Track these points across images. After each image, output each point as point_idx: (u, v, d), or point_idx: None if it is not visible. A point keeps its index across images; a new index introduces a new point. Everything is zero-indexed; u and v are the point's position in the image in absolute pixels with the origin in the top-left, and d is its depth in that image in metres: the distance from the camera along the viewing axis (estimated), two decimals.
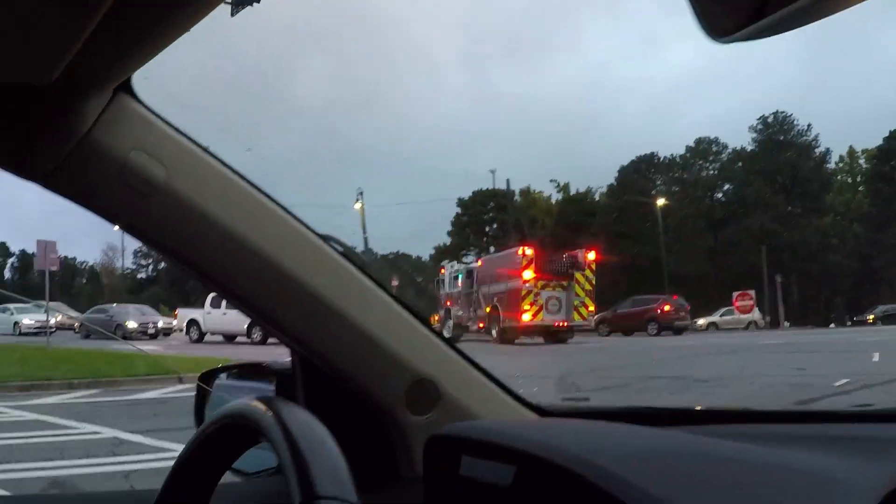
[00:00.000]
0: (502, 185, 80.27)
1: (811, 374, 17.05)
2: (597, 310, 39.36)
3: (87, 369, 20.94)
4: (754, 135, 77.32)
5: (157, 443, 10.98)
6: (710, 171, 79.77)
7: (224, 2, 1.22)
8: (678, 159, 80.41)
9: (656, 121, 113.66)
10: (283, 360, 2.02)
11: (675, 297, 47.18)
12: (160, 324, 44.27)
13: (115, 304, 49.10)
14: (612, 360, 24.34)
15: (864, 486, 1.25)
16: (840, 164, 79.15)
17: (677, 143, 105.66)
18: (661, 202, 72.01)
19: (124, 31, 1.24)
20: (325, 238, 1.77)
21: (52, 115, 1.44)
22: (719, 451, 1.38)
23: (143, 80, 1.52)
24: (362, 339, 1.76)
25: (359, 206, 62.73)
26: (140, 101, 1.56)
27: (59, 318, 47.86)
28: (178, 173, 1.58)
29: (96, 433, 12.17)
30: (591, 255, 38.57)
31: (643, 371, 20.23)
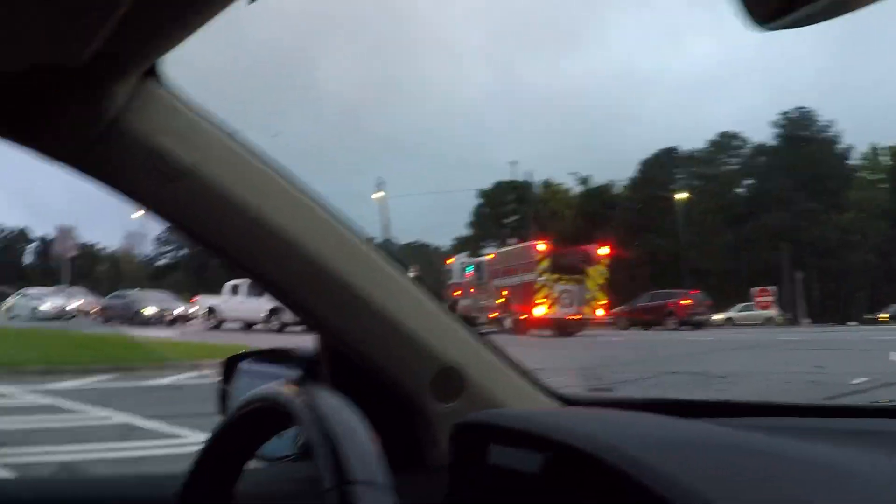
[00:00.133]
0: (523, 177, 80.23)
1: (829, 371, 16.96)
2: (609, 304, 39.61)
3: (104, 354, 21.07)
4: (776, 130, 77.08)
5: (170, 429, 11.01)
6: (732, 166, 79.59)
7: None
8: (700, 153, 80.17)
9: (679, 114, 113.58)
10: (307, 346, 2.03)
11: (695, 291, 47.08)
12: (179, 310, 44.56)
13: (134, 290, 49.31)
14: (629, 354, 24.28)
15: (887, 480, 1.24)
16: (862, 161, 78.59)
17: (699, 137, 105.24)
18: (681, 196, 71.77)
19: (155, 14, 1.25)
20: (351, 226, 1.77)
21: (82, 98, 1.45)
22: (750, 444, 1.36)
23: (172, 65, 1.52)
24: (389, 326, 1.75)
25: (379, 195, 62.88)
26: (168, 86, 1.56)
27: (78, 303, 48.35)
28: (205, 158, 1.59)
29: (109, 418, 12.22)
30: (605, 250, 39.02)
31: (661, 366, 20.16)
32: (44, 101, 1.46)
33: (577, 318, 37.14)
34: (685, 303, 44.85)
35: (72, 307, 45.67)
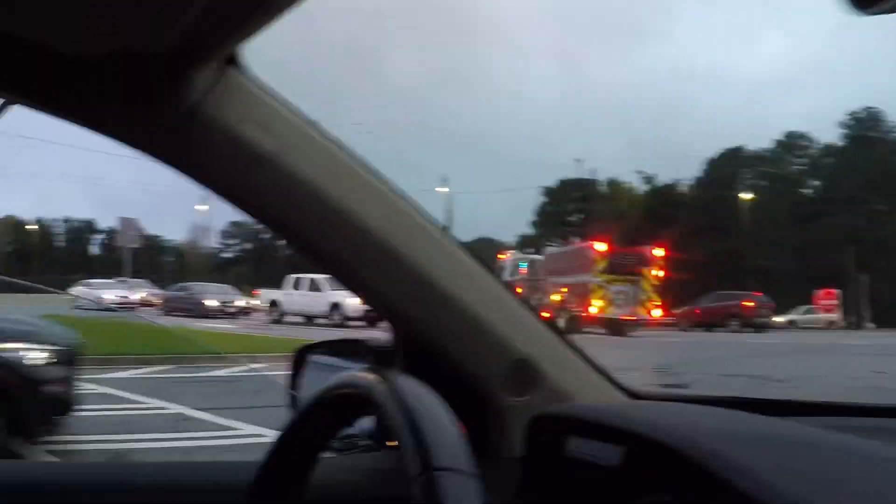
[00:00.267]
0: (588, 175, 79.87)
1: (891, 376, 16.70)
2: (664, 305, 39.68)
3: (163, 345, 21.25)
4: (844, 130, 75.75)
5: (222, 420, 11.12)
6: (799, 167, 78.46)
7: None
8: (766, 153, 79.25)
9: (745, 113, 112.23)
10: (376, 337, 2.05)
11: (758, 293, 46.63)
12: (240, 303, 44.89)
13: (196, 283, 49.80)
14: (687, 355, 24.07)
15: None
16: None
17: (766, 136, 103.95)
18: (747, 196, 70.95)
19: (236, 1, 1.26)
20: (429, 217, 1.76)
21: (163, 85, 1.46)
22: (832, 442, 1.36)
23: (252, 53, 1.53)
24: (466, 318, 1.74)
25: (444, 190, 63.07)
26: (248, 74, 1.57)
27: (141, 294, 49.00)
28: (285, 146, 1.59)
29: (163, 409, 12.39)
30: (660, 252, 39.36)
31: (720, 368, 20.03)
32: (124, 88, 1.47)
33: (632, 318, 37.60)
34: (748, 305, 44.50)
35: (134, 298, 46.27)
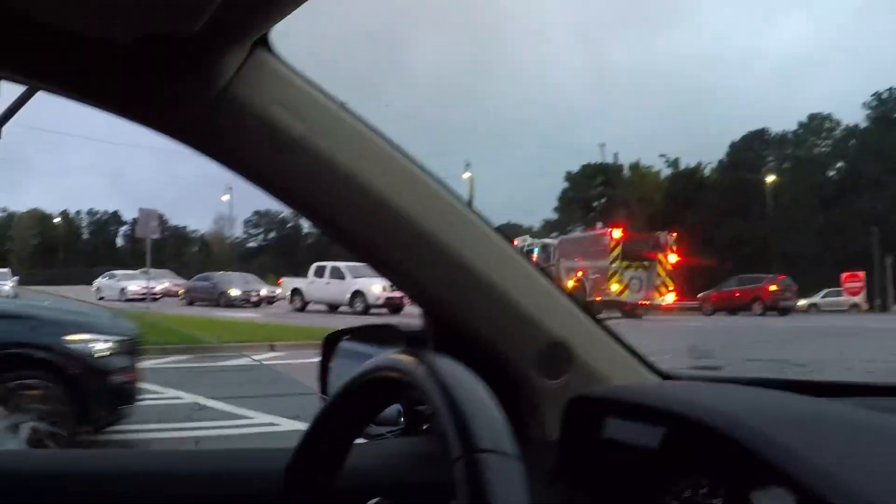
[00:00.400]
0: (612, 160, 79.66)
1: None
2: (677, 290, 39.97)
3: (183, 335, 21.38)
4: (868, 111, 75.22)
5: (235, 409, 11.16)
6: (823, 149, 77.96)
7: None
8: (790, 135, 78.84)
9: (769, 95, 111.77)
10: (407, 322, 2.07)
11: (782, 276, 46.37)
12: (263, 292, 45.25)
13: (219, 272, 50.07)
14: (707, 339, 23.93)
15: None
16: None
17: (790, 118, 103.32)
18: (771, 179, 70.54)
19: None
20: (461, 200, 1.75)
21: (192, 68, 1.45)
22: (875, 422, 1.36)
23: (282, 35, 1.52)
24: (499, 301, 1.73)
25: (467, 175, 63.06)
26: (278, 56, 1.56)
27: (164, 285, 49.34)
28: (316, 129, 1.58)
29: (178, 398, 12.43)
30: (673, 238, 39.78)
31: (741, 352, 19.94)
32: (153, 73, 1.45)
33: (645, 302, 38.37)
34: (772, 288, 44.20)
35: (158, 289, 46.57)
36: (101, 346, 8.85)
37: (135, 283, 45.01)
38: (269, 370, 16.52)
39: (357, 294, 37.45)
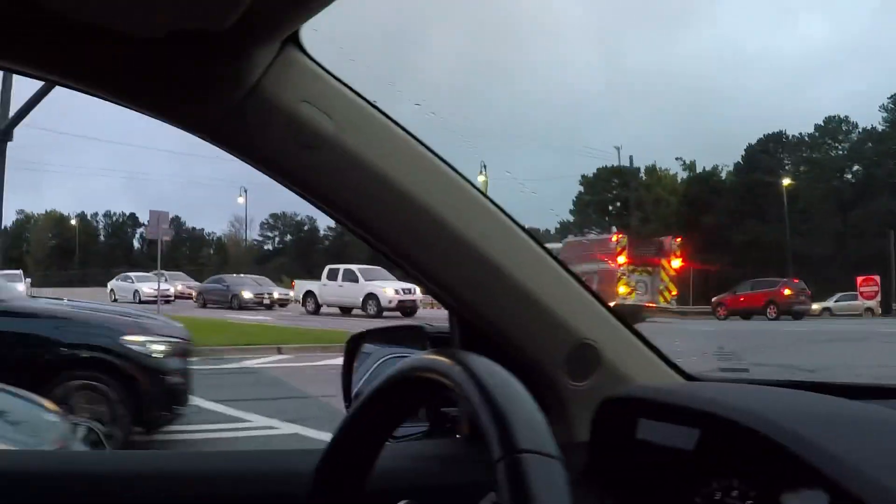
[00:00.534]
0: (627, 163, 79.39)
1: None
2: (679, 294, 40.13)
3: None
4: (885, 114, 74.35)
5: (235, 412, 11.16)
6: (839, 152, 77.47)
7: None
8: (806, 138, 78.29)
9: (786, 98, 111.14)
10: (430, 323, 2.10)
11: (796, 280, 46.17)
12: (275, 295, 45.45)
13: (231, 275, 50.24)
14: (716, 344, 23.82)
15: None
16: None
17: (806, 121, 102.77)
18: (787, 182, 70.19)
19: None
20: (489, 199, 1.75)
21: (222, 65, 1.46)
22: None
23: (311, 33, 1.54)
24: (526, 301, 1.72)
25: (482, 178, 63.21)
26: (308, 54, 1.57)
27: (178, 287, 49.58)
28: (346, 127, 1.59)
29: None
30: (678, 242, 39.81)
31: (749, 357, 19.81)
32: (183, 70, 1.46)
33: (651, 305, 38.15)
34: (786, 292, 43.96)
35: (171, 291, 46.82)
36: (157, 347, 9.20)
37: (148, 286, 45.20)
38: (273, 372, 16.56)
39: (370, 297, 37.53)
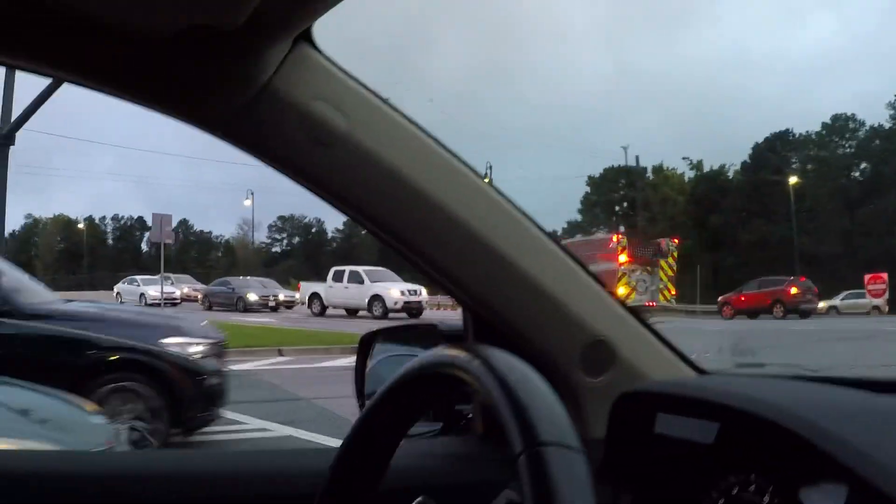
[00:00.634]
0: (633, 163, 79.35)
1: None
2: (677, 294, 40.42)
3: None
4: (892, 111, 74.14)
5: (230, 415, 11.13)
6: (847, 150, 77.32)
7: None
8: (813, 136, 78.14)
9: (793, 97, 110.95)
10: (442, 321, 2.10)
11: (803, 278, 46.03)
12: (281, 297, 45.55)
13: (237, 277, 50.33)
14: (719, 344, 23.76)
15: None
16: None
17: (813, 119, 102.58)
18: (793, 180, 70.01)
19: None
20: (503, 195, 1.74)
21: (234, 62, 1.45)
22: None
23: (324, 30, 1.52)
24: (541, 298, 1.72)
25: (487, 180, 63.55)
26: (320, 51, 1.56)
27: (184, 290, 49.68)
28: (359, 124, 1.58)
29: None
30: (675, 244, 40.55)
31: (751, 357, 19.73)
32: (194, 67, 1.45)
33: (652, 305, 38.82)
34: (793, 291, 43.83)
35: (177, 294, 46.89)
36: (195, 348, 9.31)
37: (154, 289, 45.28)
38: (269, 374, 16.55)
39: (375, 298, 37.57)
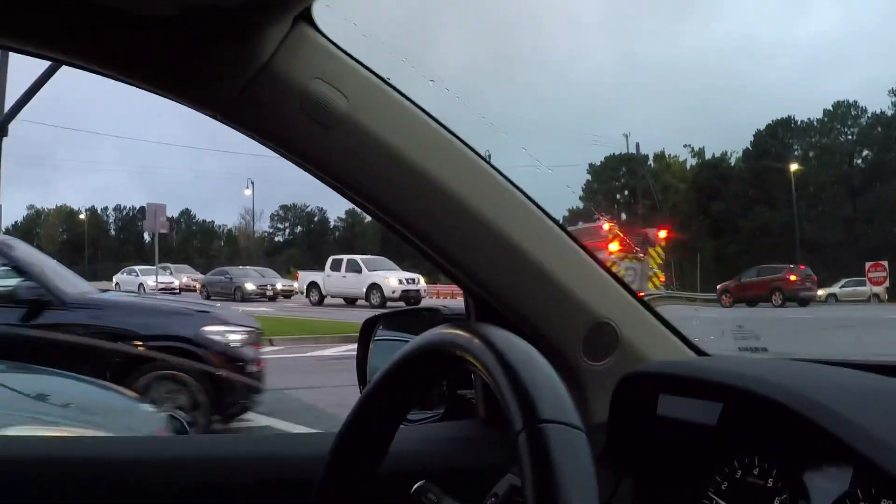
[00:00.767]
0: (634, 151, 79.19)
1: None
2: (666, 281, 40.41)
3: None
4: (894, 98, 73.68)
5: None
6: (849, 137, 77.07)
7: None
8: (815, 123, 77.92)
9: (796, 84, 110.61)
10: (445, 306, 2.11)
11: (802, 266, 45.90)
12: (279, 286, 45.54)
13: (235, 266, 50.32)
14: (713, 332, 23.68)
15: None
16: None
17: (815, 106, 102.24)
18: (795, 167, 69.77)
19: None
20: (506, 177, 1.71)
21: (233, 43, 1.44)
22: None
23: (324, 10, 1.51)
24: (544, 281, 1.71)
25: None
26: (320, 31, 1.54)
27: (184, 280, 49.70)
28: (360, 104, 1.56)
29: None
30: (662, 234, 40.48)
31: (744, 344, 19.63)
32: (193, 48, 1.44)
33: (641, 294, 38.95)
34: (792, 278, 43.65)
35: (175, 284, 46.84)
36: (235, 336, 9.46)
37: (153, 279, 45.27)
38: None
39: (373, 287, 37.51)
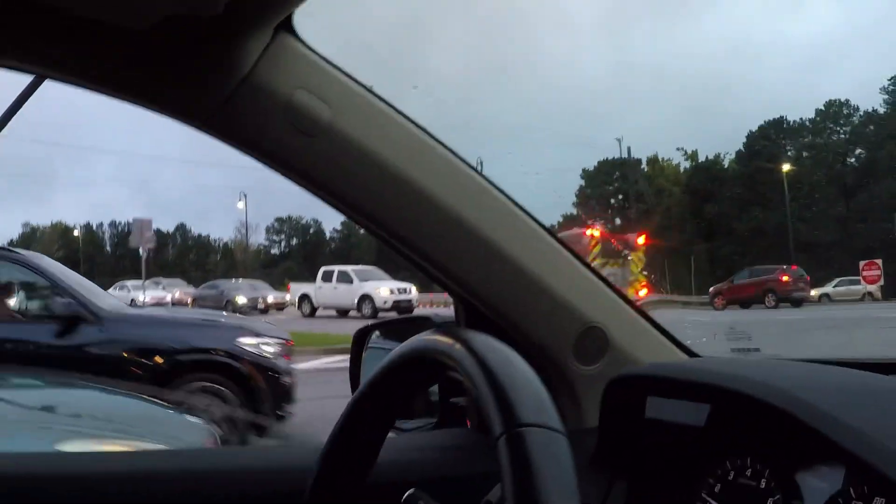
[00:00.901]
0: (626, 154, 79.21)
1: None
2: (649, 286, 40.53)
3: None
4: (885, 96, 73.71)
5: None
6: (841, 136, 76.97)
7: None
8: (808, 123, 77.86)
9: (788, 85, 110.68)
10: (437, 314, 2.11)
11: (794, 266, 45.87)
12: (270, 299, 45.54)
13: (226, 280, 50.41)
14: (702, 335, 23.61)
15: None
16: None
17: (808, 107, 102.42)
18: (787, 167, 69.73)
19: None
20: (492, 182, 1.71)
21: (214, 53, 1.43)
22: None
23: (306, 19, 1.50)
24: (533, 286, 1.71)
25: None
26: (302, 40, 1.53)
27: (176, 294, 49.77)
28: (343, 113, 1.56)
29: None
30: (642, 240, 40.41)
31: (736, 345, 19.55)
32: (175, 57, 1.42)
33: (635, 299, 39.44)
34: (784, 279, 43.60)
35: (167, 298, 46.85)
36: (269, 348, 9.56)
37: (143, 294, 45.25)
38: None
39: (365, 298, 37.47)
